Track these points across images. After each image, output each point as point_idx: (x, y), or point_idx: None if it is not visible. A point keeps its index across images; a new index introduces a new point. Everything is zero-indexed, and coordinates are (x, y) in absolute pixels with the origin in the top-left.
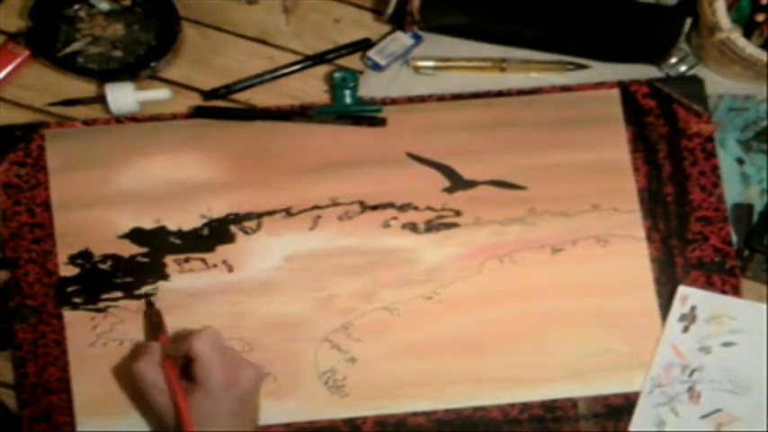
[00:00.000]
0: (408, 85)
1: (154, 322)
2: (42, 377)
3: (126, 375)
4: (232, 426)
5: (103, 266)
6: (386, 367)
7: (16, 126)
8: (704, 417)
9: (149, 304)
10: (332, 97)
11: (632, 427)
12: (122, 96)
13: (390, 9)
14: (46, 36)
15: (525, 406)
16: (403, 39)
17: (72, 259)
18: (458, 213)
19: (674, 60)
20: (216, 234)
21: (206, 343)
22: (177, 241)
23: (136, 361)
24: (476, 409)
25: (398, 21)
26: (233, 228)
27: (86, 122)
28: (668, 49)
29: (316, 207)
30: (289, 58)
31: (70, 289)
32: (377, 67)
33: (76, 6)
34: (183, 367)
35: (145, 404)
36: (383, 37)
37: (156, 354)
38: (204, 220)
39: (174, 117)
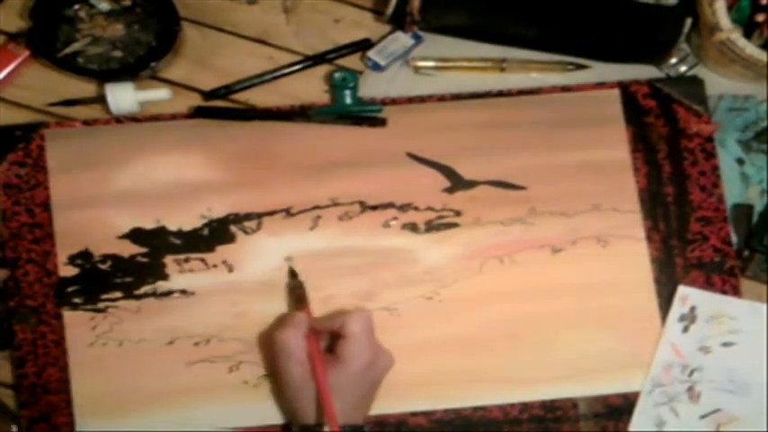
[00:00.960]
0: (408, 86)
1: (298, 293)
2: (42, 377)
3: (264, 344)
4: (361, 407)
5: (103, 266)
6: None
7: (16, 126)
8: (704, 417)
9: (293, 275)
10: (332, 97)
11: (632, 426)
12: (122, 96)
13: (390, 9)
14: (46, 36)
15: (525, 406)
16: (403, 39)
17: (72, 259)
18: (458, 213)
19: (674, 60)
20: (216, 234)
21: (360, 324)
22: (177, 241)
23: (280, 329)
24: (476, 409)
25: (398, 21)
26: (233, 228)
27: (86, 122)
28: (668, 49)
29: (316, 207)
30: (289, 58)
31: (70, 289)
32: (377, 67)
33: (76, 6)
34: (327, 342)
35: (280, 372)
36: (383, 37)
37: (302, 325)
38: (204, 221)
39: (174, 117)
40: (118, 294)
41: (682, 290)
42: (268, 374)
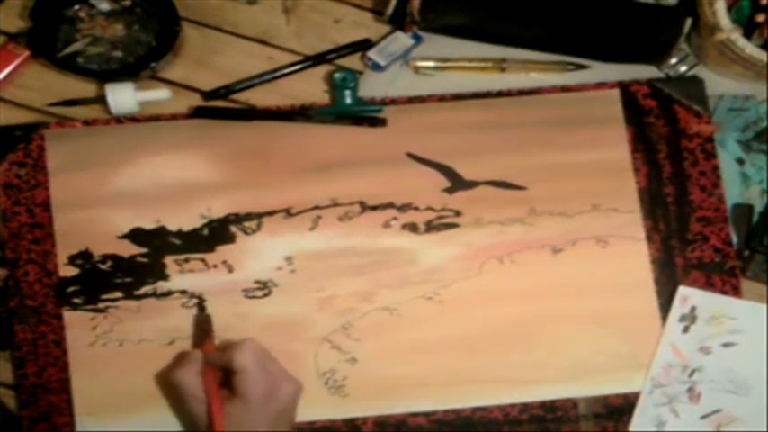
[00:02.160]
0: (408, 86)
1: (203, 328)
2: (42, 377)
3: (165, 384)
4: None
5: (103, 267)
6: (386, 367)
7: (16, 126)
8: (704, 417)
9: (201, 308)
10: (332, 97)
11: (632, 427)
12: (122, 97)
13: (390, 9)
14: (46, 36)
15: (525, 406)
16: (403, 39)
17: (72, 259)
18: (458, 214)
19: (674, 61)
20: (216, 234)
21: (247, 356)
22: (177, 241)
23: (176, 368)
24: (476, 409)
25: (398, 21)
26: (233, 228)
27: (86, 123)
28: (668, 50)
29: (316, 207)
30: (289, 58)
31: (70, 289)
32: (377, 67)
33: (77, 7)
34: (224, 377)
35: (181, 413)
36: (383, 37)
37: (197, 362)
38: (204, 221)
39: (174, 117)
40: (118, 294)
41: (682, 290)
42: (175, 416)
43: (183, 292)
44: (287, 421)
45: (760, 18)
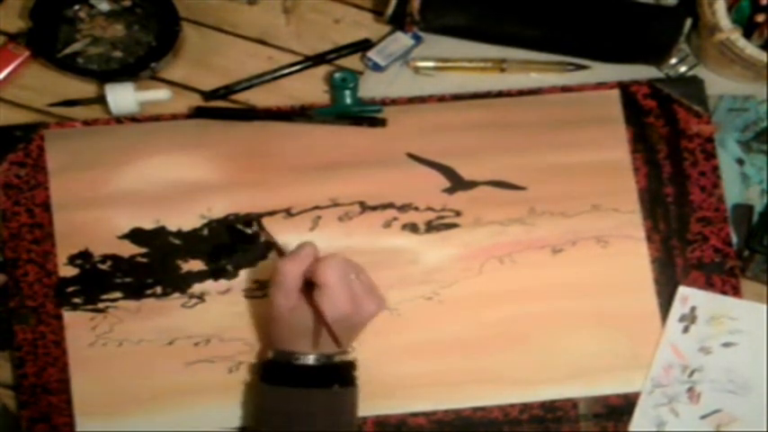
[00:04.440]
0: (408, 86)
1: (270, 242)
2: (42, 378)
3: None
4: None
5: (103, 267)
6: (386, 367)
7: (16, 126)
8: (704, 417)
9: (260, 226)
10: (332, 98)
11: (632, 427)
12: (122, 97)
13: (390, 10)
14: (46, 37)
15: (525, 406)
16: (403, 39)
17: (72, 260)
18: (458, 214)
19: (674, 61)
20: (215, 234)
21: (334, 272)
22: (177, 241)
23: (285, 259)
24: (476, 409)
25: (398, 21)
26: (233, 228)
27: (86, 123)
28: (668, 50)
29: (316, 207)
30: (289, 58)
31: (70, 289)
32: (377, 67)
33: (77, 7)
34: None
35: (268, 298)
36: (383, 37)
37: (306, 259)
38: (204, 221)
39: (174, 117)
40: (118, 294)
41: (682, 290)
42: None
43: (183, 292)
44: (353, 335)
45: (760, 18)
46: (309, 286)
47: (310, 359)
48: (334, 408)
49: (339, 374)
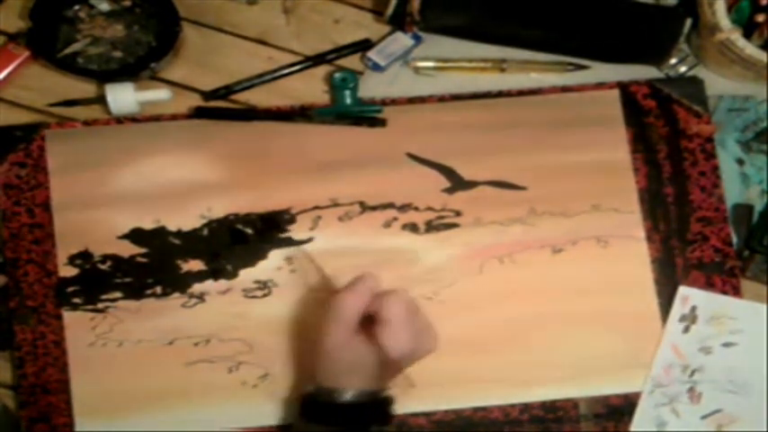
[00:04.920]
0: (408, 86)
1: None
2: (41, 378)
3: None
4: (383, 381)
5: (103, 267)
6: None
7: (16, 126)
8: (705, 417)
9: (307, 258)
10: (332, 98)
11: (633, 427)
12: (122, 97)
13: (390, 10)
14: (46, 37)
15: (526, 406)
16: (403, 39)
17: (72, 260)
18: (458, 214)
19: (673, 61)
20: (215, 234)
21: (401, 309)
22: (177, 241)
23: (343, 291)
24: (476, 409)
25: (398, 21)
26: (233, 228)
27: (86, 123)
28: (668, 50)
29: (316, 207)
30: (289, 58)
31: (70, 289)
32: (377, 67)
33: (77, 7)
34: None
35: (319, 329)
36: (383, 37)
37: (365, 293)
38: (204, 221)
39: (174, 117)
40: (118, 294)
41: (682, 290)
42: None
43: (183, 292)
44: (403, 371)
45: (760, 18)
46: (368, 321)
47: (353, 396)
48: None
49: (379, 412)
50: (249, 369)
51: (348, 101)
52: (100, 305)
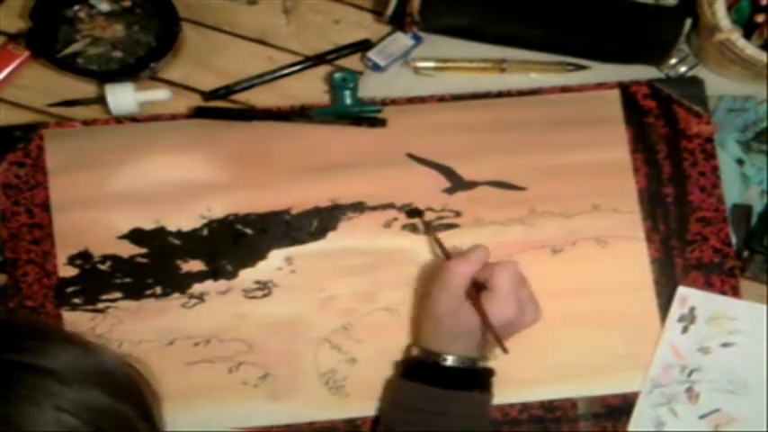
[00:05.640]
0: (408, 86)
1: (436, 242)
2: None
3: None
4: (483, 349)
5: (103, 267)
6: (386, 368)
7: (16, 126)
8: (703, 417)
9: (426, 225)
10: (332, 98)
11: (631, 427)
12: (122, 97)
13: (390, 10)
14: (46, 37)
15: (525, 406)
16: (403, 39)
17: (71, 260)
18: (458, 214)
19: (673, 61)
20: (215, 234)
21: (508, 278)
22: (177, 242)
23: (457, 259)
24: None
25: (398, 21)
26: (233, 228)
27: (86, 123)
28: (668, 50)
29: (316, 207)
30: (289, 58)
31: (69, 290)
32: (377, 67)
33: (76, 7)
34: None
35: (427, 294)
36: (383, 38)
37: (477, 262)
38: (204, 221)
39: (174, 117)
40: (117, 295)
41: (681, 290)
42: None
43: (183, 292)
44: (507, 337)
45: (760, 18)
46: (476, 289)
47: (457, 361)
48: (471, 412)
49: (481, 380)
50: (249, 369)
51: (348, 101)
52: (100, 305)
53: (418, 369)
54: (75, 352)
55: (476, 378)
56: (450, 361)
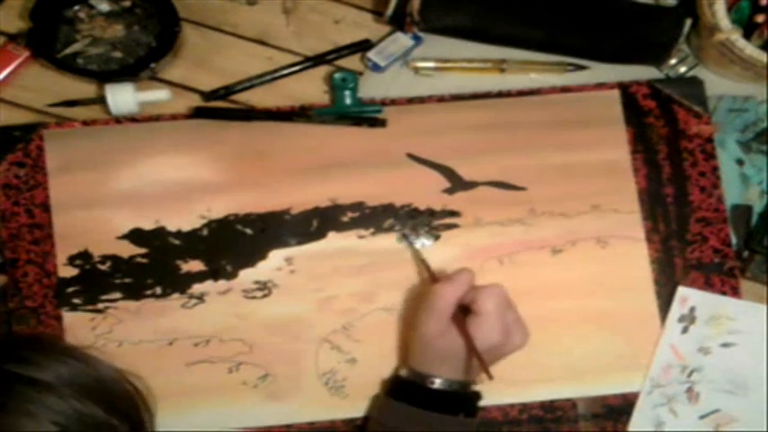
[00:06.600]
0: (408, 86)
1: (420, 261)
2: None
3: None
4: (470, 373)
5: (103, 267)
6: (386, 368)
7: (16, 126)
8: (703, 417)
9: (408, 243)
10: (332, 98)
11: (631, 427)
12: (122, 97)
13: (390, 10)
14: (46, 37)
15: (525, 406)
16: (403, 40)
17: (71, 260)
18: (458, 214)
19: (673, 61)
20: (216, 234)
21: (493, 303)
22: (177, 242)
23: (442, 283)
24: None
25: (398, 22)
26: (233, 228)
27: (86, 123)
28: (668, 50)
29: (316, 207)
30: (288, 58)
31: (69, 290)
32: (377, 67)
33: (76, 7)
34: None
35: (415, 318)
36: (383, 38)
37: (462, 286)
38: (204, 221)
39: (174, 117)
40: (117, 295)
41: (681, 291)
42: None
43: (183, 292)
44: (493, 361)
45: (760, 18)
46: (462, 313)
47: (444, 384)
48: None
49: (467, 404)
50: (249, 369)
51: (348, 101)
52: (100, 306)
53: (405, 389)
54: (73, 366)
55: (463, 402)
56: (437, 383)
